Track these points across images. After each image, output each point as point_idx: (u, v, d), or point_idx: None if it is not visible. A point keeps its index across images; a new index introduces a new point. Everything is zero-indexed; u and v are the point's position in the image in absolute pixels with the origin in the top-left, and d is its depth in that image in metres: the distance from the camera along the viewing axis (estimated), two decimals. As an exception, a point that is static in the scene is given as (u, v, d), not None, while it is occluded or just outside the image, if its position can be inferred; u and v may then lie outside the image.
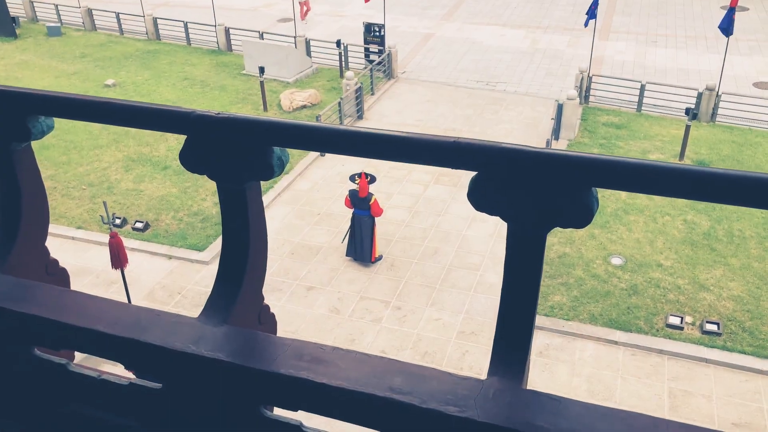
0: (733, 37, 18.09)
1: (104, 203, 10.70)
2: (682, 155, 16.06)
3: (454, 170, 1.38)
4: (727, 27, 17.35)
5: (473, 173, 1.36)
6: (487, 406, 1.28)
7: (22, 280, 1.74)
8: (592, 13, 19.04)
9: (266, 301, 1.80)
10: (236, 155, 1.53)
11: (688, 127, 15.87)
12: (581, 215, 1.31)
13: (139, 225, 14.00)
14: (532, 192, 1.31)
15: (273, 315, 1.88)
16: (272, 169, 1.51)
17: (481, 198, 1.36)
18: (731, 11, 17.32)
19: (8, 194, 1.83)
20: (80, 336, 1.60)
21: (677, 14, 26.25)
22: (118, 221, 12.88)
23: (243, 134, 1.50)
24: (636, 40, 23.87)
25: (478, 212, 1.36)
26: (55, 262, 2.00)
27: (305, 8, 26.11)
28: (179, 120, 1.54)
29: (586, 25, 19.29)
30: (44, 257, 1.97)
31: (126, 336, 1.53)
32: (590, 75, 19.30)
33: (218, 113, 1.51)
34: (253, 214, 1.64)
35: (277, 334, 1.71)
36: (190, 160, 1.58)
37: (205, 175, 1.60)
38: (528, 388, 1.38)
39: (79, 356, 1.96)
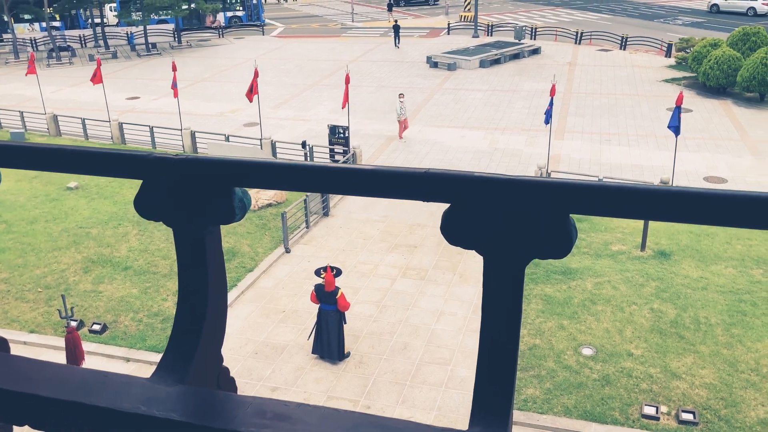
0: (681, 136, 19.04)
1: (63, 296, 10.35)
2: (643, 246, 16.38)
3: (420, 263, 1.32)
4: (676, 126, 18.27)
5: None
6: None
7: None
8: (548, 115, 19.98)
9: None
10: (195, 198, 1.44)
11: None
12: (560, 244, 1.24)
13: (96, 327, 13.46)
14: (508, 222, 1.25)
15: (233, 379, 1.73)
16: (233, 212, 1.43)
17: (454, 231, 1.29)
18: (677, 110, 18.30)
19: None
20: (17, 403, 1.42)
21: (627, 115, 27.65)
22: (74, 323, 12.37)
23: (202, 175, 1.43)
24: (590, 139, 24.92)
25: (447, 306, 1.29)
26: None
27: (404, 126, 25.34)
28: (135, 163, 1.46)
29: (546, 122, 20.14)
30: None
31: (70, 400, 1.37)
32: (548, 171, 19.91)
33: (177, 155, 1.44)
34: (212, 263, 1.54)
35: None
36: (146, 205, 1.48)
37: (161, 222, 1.50)
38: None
39: None
